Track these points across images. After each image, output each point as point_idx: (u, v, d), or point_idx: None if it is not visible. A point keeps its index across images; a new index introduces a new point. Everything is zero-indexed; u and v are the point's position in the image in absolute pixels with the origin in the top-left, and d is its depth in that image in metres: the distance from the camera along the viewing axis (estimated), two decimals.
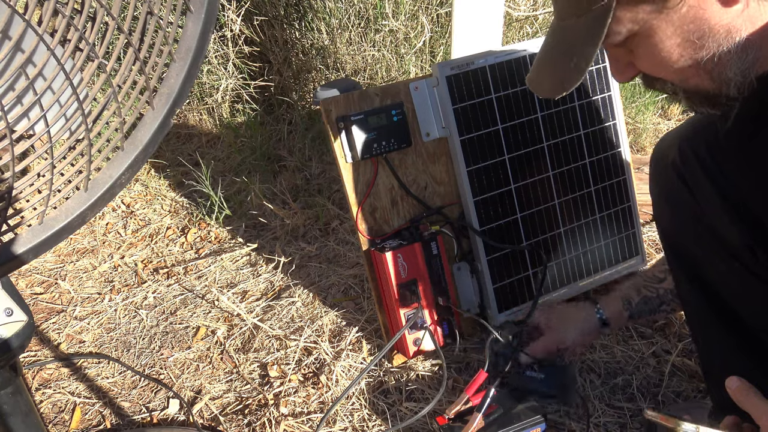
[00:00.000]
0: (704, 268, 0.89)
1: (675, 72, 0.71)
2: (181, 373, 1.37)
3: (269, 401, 1.26)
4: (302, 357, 1.36)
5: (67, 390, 1.35)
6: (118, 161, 0.69)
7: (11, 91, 0.58)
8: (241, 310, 1.51)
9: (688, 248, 0.91)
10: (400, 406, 1.22)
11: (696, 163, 0.84)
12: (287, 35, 2.20)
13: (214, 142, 2.26)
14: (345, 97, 1.22)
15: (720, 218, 0.83)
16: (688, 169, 0.85)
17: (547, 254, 1.35)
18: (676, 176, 0.87)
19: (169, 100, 0.68)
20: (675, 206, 0.90)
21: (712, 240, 0.85)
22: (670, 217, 0.93)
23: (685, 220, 0.89)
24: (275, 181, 2.00)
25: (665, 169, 0.90)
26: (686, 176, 0.86)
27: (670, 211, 0.92)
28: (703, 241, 0.86)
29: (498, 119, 1.28)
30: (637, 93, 2.19)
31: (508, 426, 1.06)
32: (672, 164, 0.88)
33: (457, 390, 1.25)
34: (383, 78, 2.09)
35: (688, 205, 0.87)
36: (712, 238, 0.84)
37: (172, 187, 2.06)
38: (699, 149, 0.84)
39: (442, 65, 1.23)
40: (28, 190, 0.64)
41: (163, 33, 0.63)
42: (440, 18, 2.06)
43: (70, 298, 1.63)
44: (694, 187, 0.85)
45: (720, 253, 0.84)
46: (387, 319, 1.29)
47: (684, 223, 0.89)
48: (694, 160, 0.84)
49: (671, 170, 0.88)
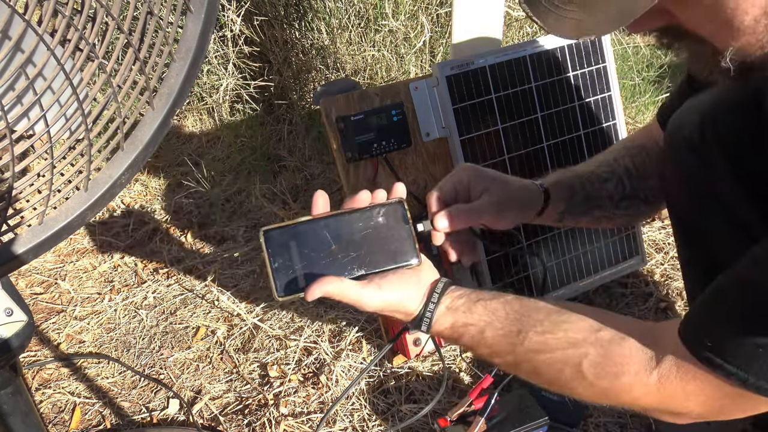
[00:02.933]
0: (716, 247, 0.85)
1: (727, 28, 0.59)
2: (181, 373, 1.37)
3: (269, 401, 1.26)
4: (302, 357, 1.36)
5: (67, 390, 1.35)
6: (118, 161, 0.69)
7: (11, 91, 0.58)
8: (241, 310, 1.51)
9: (700, 226, 0.87)
10: (400, 407, 1.22)
11: (714, 141, 0.80)
12: (287, 35, 2.19)
13: (214, 142, 2.26)
14: (345, 97, 1.21)
15: (736, 197, 0.79)
16: (705, 147, 0.81)
17: (546, 254, 1.35)
18: (691, 153, 0.83)
19: (169, 100, 0.68)
20: (688, 183, 0.86)
21: (726, 219, 0.81)
22: (680, 193, 0.89)
23: (698, 198, 0.85)
24: (275, 181, 2.00)
25: (680, 145, 0.85)
26: (702, 154, 0.81)
27: (682, 188, 0.88)
28: (717, 220, 0.83)
29: (498, 119, 1.28)
30: (637, 93, 2.20)
31: (512, 429, 1.06)
32: (688, 141, 0.83)
33: (458, 390, 1.25)
34: (383, 78, 2.09)
35: (703, 182, 0.83)
36: (727, 216, 0.81)
37: (172, 187, 2.06)
38: (718, 126, 0.79)
39: (442, 65, 1.23)
40: (28, 190, 0.64)
41: (163, 33, 0.63)
42: (440, 18, 2.06)
43: (70, 298, 1.63)
44: (710, 165, 0.81)
45: (734, 234, 0.80)
46: (387, 319, 1.29)
47: (697, 200, 0.85)
48: (712, 138, 0.80)
49: (686, 147, 0.84)
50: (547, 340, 0.72)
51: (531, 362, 0.73)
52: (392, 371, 1.29)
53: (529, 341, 0.73)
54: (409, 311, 0.77)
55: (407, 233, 0.78)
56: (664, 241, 1.60)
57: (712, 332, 0.64)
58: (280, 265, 0.74)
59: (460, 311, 0.76)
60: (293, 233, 0.75)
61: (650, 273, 1.51)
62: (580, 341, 0.70)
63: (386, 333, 1.31)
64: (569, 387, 0.72)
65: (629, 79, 2.22)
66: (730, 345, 0.61)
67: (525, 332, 0.73)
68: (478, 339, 0.76)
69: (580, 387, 0.71)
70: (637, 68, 2.26)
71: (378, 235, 0.77)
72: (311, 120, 2.18)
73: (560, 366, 0.71)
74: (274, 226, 0.75)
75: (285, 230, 0.75)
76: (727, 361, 0.61)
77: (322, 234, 0.76)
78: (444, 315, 0.77)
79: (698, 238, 0.89)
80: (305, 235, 0.75)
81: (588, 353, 0.70)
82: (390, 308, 0.77)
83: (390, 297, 0.76)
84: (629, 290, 1.47)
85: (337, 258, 0.76)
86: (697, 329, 0.65)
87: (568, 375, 0.71)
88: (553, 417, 1.11)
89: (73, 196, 0.68)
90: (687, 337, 0.65)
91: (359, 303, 0.75)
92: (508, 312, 0.75)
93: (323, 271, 0.75)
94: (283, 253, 0.74)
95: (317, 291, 0.73)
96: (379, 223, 0.78)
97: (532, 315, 0.74)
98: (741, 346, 0.61)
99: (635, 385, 0.67)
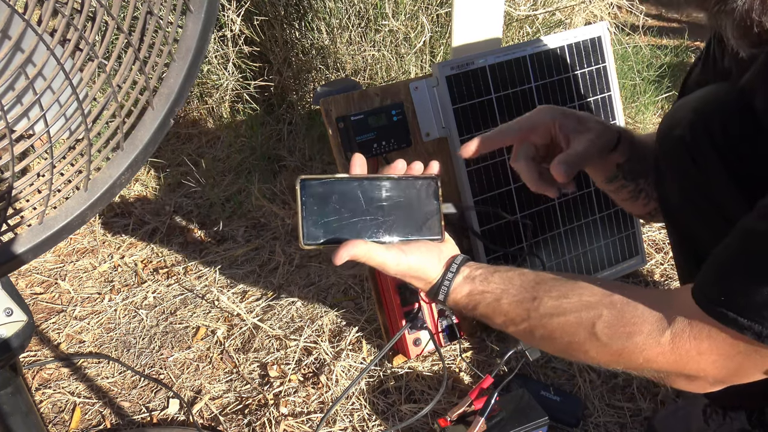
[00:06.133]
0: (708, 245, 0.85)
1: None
2: (181, 373, 1.37)
3: (269, 401, 1.26)
4: (302, 357, 1.36)
5: (67, 390, 1.35)
6: (118, 161, 0.69)
7: (11, 91, 0.58)
8: (241, 310, 1.51)
9: (690, 224, 0.88)
10: (400, 406, 1.22)
11: (707, 140, 0.80)
12: (287, 35, 2.19)
13: (214, 142, 2.26)
14: (345, 97, 1.21)
15: (728, 195, 0.80)
16: (698, 145, 0.81)
17: (546, 254, 1.35)
18: (685, 151, 0.83)
19: (169, 100, 0.68)
20: (681, 182, 0.86)
21: (718, 217, 0.81)
22: (673, 192, 0.89)
23: (690, 196, 0.85)
24: (275, 181, 2.00)
25: (673, 142, 0.86)
26: (695, 152, 0.82)
27: (675, 186, 0.88)
28: (709, 218, 0.83)
29: (498, 119, 1.28)
30: (637, 93, 2.20)
31: (511, 429, 1.06)
32: (681, 139, 0.83)
33: (457, 390, 1.25)
34: (383, 78, 2.09)
35: (695, 181, 0.83)
36: (719, 214, 0.81)
37: (172, 187, 2.06)
38: (709, 125, 0.79)
39: (442, 65, 1.23)
40: (27, 189, 0.64)
41: (163, 33, 0.63)
42: (440, 18, 2.06)
43: (70, 298, 1.63)
44: (702, 164, 0.81)
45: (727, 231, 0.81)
46: (387, 319, 1.29)
47: (689, 198, 0.86)
48: (704, 137, 0.80)
49: (680, 144, 0.84)
50: (561, 303, 0.73)
51: (545, 327, 0.74)
52: (392, 371, 1.29)
53: (544, 306, 0.73)
54: (428, 278, 0.79)
55: (436, 209, 0.81)
56: (664, 241, 1.60)
57: (723, 287, 0.63)
58: (310, 214, 0.76)
59: (477, 280, 0.78)
60: (328, 187, 0.77)
61: (650, 273, 1.51)
62: (594, 303, 0.71)
63: (386, 333, 1.31)
64: (583, 350, 0.72)
65: (629, 79, 2.22)
66: (742, 298, 0.60)
67: (540, 298, 0.74)
68: (493, 307, 0.77)
69: (594, 349, 0.71)
70: (637, 68, 2.26)
71: (408, 205, 0.80)
72: (311, 120, 2.18)
73: (574, 329, 0.72)
74: (312, 177, 0.77)
75: (321, 183, 0.77)
76: (740, 314, 0.60)
77: (356, 193, 0.78)
78: (462, 284, 0.79)
79: (692, 237, 0.89)
80: (339, 191, 0.78)
81: (602, 314, 0.70)
82: (411, 273, 0.78)
83: (413, 262, 0.78)
84: None
85: (366, 219, 0.78)
86: (709, 286, 0.65)
87: (582, 337, 0.71)
88: (553, 417, 1.11)
89: (73, 196, 0.68)
90: (699, 294, 0.65)
91: (383, 266, 0.77)
92: (524, 281, 0.76)
93: (350, 228, 0.77)
94: (315, 203, 0.76)
95: (345, 254, 0.75)
96: (411, 194, 0.81)
97: (547, 282, 0.75)
98: (754, 298, 0.60)
99: (648, 344, 0.67)
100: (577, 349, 0.73)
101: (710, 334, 0.63)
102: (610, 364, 0.73)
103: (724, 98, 0.79)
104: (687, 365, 0.66)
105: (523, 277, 0.77)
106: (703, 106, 0.83)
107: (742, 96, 0.71)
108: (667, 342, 0.66)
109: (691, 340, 0.65)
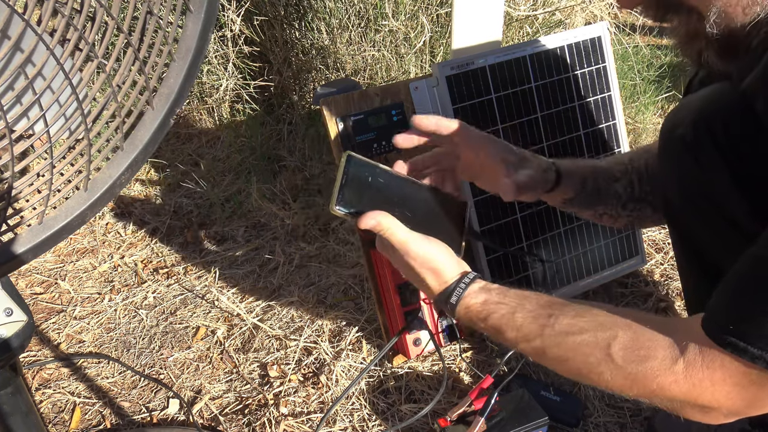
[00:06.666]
0: (710, 245, 0.86)
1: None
2: (181, 373, 1.37)
3: (269, 401, 1.26)
4: (302, 357, 1.36)
5: (67, 390, 1.35)
6: (118, 161, 0.69)
7: (10, 91, 0.58)
8: (241, 310, 1.51)
9: (691, 225, 0.88)
10: (400, 406, 1.22)
11: (709, 139, 0.79)
12: (287, 35, 2.19)
13: (214, 142, 2.26)
14: (345, 97, 1.21)
15: (730, 196, 0.79)
16: (700, 145, 0.80)
17: (546, 254, 1.35)
18: (685, 152, 0.83)
19: (169, 100, 0.68)
20: (682, 183, 0.86)
21: (719, 217, 0.81)
22: (674, 193, 0.89)
23: (692, 197, 0.85)
24: (275, 181, 2.00)
25: (674, 144, 0.85)
26: (697, 152, 0.81)
27: (676, 187, 0.88)
28: (711, 219, 0.83)
29: (498, 119, 1.28)
30: (637, 93, 2.19)
31: (511, 429, 1.06)
32: (682, 138, 0.83)
33: (457, 390, 1.25)
34: (383, 78, 2.09)
35: (697, 181, 0.83)
36: (720, 215, 0.80)
37: (172, 187, 2.06)
38: (711, 126, 0.79)
39: (442, 65, 1.23)
40: (27, 189, 0.64)
41: (163, 33, 0.63)
42: (440, 18, 2.06)
43: (70, 298, 1.63)
44: (704, 164, 0.81)
45: (728, 232, 0.80)
46: (387, 319, 1.29)
47: (691, 199, 0.85)
48: (706, 138, 0.79)
49: (681, 145, 0.83)
50: (577, 322, 0.73)
51: (560, 346, 0.73)
52: (392, 371, 1.29)
53: (560, 324, 0.73)
54: (444, 277, 0.80)
55: (461, 230, 0.86)
56: (664, 241, 1.60)
57: (732, 316, 0.62)
58: (348, 185, 0.79)
59: (494, 292, 0.79)
60: (371, 170, 0.81)
61: (650, 273, 1.51)
62: (610, 324, 0.71)
63: (386, 333, 1.31)
64: (597, 372, 0.72)
65: (629, 79, 2.22)
66: (752, 327, 0.60)
67: (556, 315, 0.74)
68: (507, 319, 0.77)
69: (608, 372, 0.70)
70: (637, 68, 2.26)
71: (436, 214, 0.84)
72: (311, 120, 2.18)
73: (590, 349, 0.71)
74: (359, 156, 0.81)
75: (366, 164, 0.81)
76: (751, 343, 0.60)
77: (393, 185, 0.82)
78: (477, 292, 0.79)
79: (692, 237, 0.89)
80: (379, 177, 0.82)
81: (617, 335, 0.70)
82: (428, 264, 0.79)
83: (434, 251, 0.79)
84: (629, 290, 1.47)
85: (395, 210, 0.80)
86: (718, 316, 0.64)
87: (597, 358, 0.71)
88: (553, 417, 1.11)
89: (73, 196, 0.68)
90: (709, 323, 0.65)
91: (404, 245, 0.78)
92: (539, 300, 0.77)
93: (380, 209, 0.80)
94: (355, 178, 0.80)
95: (371, 220, 0.77)
96: (442, 207, 0.85)
97: (563, 303, 0.76)
98: (764, 327, 0.59)
99: (662, 370, 0.66)
100: (591, 371, 0.72)
101: (723, 364, 0.63)
102: (624, 389, 0.72)
103: (727, 98, 0.78)
104: (701, 395, 0.65)
105: (539, 297, 0.78)
106: (705, 105, 0.82)
107: (743, 99, 0.71)
108: (681, 370, 0.65)
109: (704, 369, 0.64)
